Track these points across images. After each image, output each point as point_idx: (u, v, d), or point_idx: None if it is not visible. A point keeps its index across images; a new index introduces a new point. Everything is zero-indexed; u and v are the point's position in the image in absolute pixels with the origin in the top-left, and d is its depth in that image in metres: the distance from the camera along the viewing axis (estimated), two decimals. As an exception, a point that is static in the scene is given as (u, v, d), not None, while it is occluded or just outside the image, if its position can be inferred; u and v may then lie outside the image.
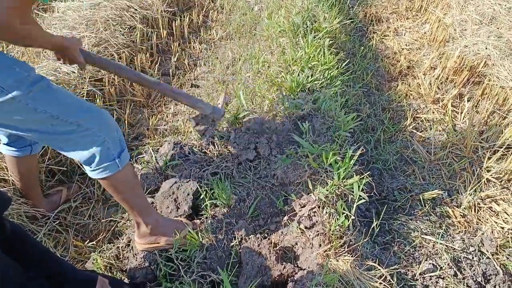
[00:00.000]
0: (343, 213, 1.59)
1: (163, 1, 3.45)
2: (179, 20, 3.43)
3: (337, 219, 1.57)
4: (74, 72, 2.37)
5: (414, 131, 2.60)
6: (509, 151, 2.29)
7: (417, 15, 4.01)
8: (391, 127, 2.63)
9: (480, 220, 2.02)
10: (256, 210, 1.83)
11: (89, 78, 2.40)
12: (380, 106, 2.84)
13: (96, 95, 2.36)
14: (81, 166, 2.19)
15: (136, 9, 3.15)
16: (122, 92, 2.65)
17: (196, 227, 1.69)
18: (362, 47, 3.35)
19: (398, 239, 1.87)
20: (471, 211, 2.05)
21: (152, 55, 3.07)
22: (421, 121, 2.70)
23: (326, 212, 1.63)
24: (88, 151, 1.28)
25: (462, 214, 2.03)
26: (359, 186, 1.67)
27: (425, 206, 2.04)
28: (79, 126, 1.23)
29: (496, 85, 2.74)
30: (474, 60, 2.97)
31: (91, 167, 1.32)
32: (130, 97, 2.64)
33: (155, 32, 3.15)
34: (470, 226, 1.99)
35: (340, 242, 1.52)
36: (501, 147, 2.32)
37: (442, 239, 1.86)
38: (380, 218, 1.89)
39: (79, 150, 1.29)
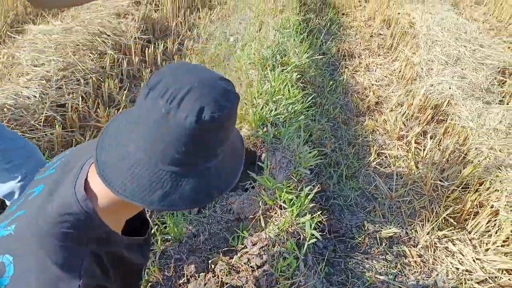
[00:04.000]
0: (293, 252, 1.57)
1: (138, 29, 3.47)
2: (153, 47, 3.45)
3: (285, 258, 1.54)
4: (36, 97, 2.33)
5: (378, 167, 2.62)
6: (467, 190, 2.33)
7: (388, 52, 4.14)
8: (356, 162, 2.65)
9: (436, 260, 2.02)
10: (209, 245, 1.79)
11: (51, 103, 2.36)
12: (347, 140, 2.87)
13: (56, 121, 2.32)
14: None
15: (108, 35, 3.16)
16: (86, 117, 2.61)
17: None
18: (332, 82, 3.42)
19: (352, 279, 1.84)
20: (428, 250, 2.05)
21: (122, 81, 3.06)
22: (385, 157, 2.74)
23: (276, 251, 1.59)
24: (8, 186, 1.20)
25: (418, 254, 2.03)
26: (311, 225, 1.65)
27: (381, 244, 2.03)
28: (1, 155, 1.17)
29: (458, 124, 2.81)
30: (438, 99, 3.07)
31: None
32: (94, 123, 2.60)
33: (127, 59, 3.15)
34: (426, 266, 1.98)
35: (287, 284, 1.48)
36: (459, 186, 2.35)
37: (395, 280, 1.84)
38: (334, 257, 1.86)
39: None
